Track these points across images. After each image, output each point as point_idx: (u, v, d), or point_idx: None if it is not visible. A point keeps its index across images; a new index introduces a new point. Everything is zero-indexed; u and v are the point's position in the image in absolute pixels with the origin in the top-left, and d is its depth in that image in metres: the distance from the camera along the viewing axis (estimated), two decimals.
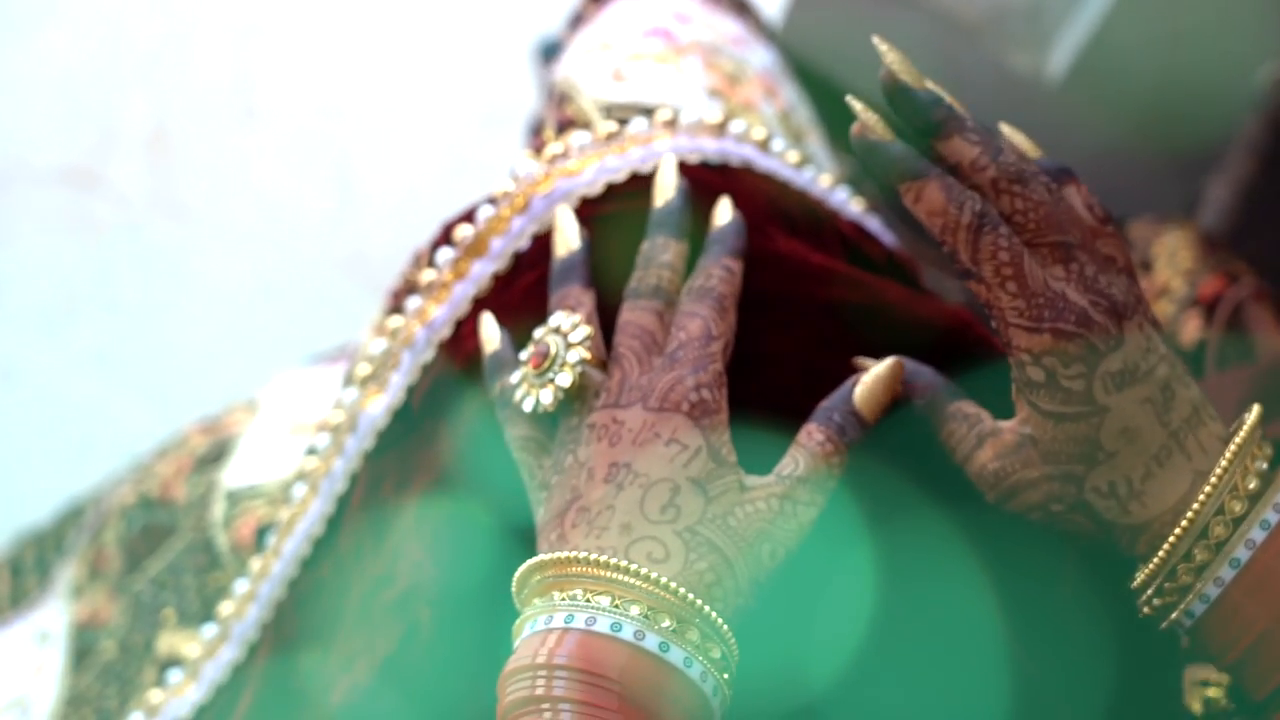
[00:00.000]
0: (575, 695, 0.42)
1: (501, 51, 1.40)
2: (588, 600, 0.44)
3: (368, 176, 1.37)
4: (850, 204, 0.64)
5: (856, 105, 0.48)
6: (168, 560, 0.74)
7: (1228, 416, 0.71)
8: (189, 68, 1.40)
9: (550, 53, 0.92)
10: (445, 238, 0.59)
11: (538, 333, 0.52)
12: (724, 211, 0.55)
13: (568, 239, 0.56)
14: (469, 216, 0.59)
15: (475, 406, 0.57)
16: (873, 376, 0.50)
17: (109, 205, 1.34)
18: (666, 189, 0.55)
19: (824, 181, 0.63)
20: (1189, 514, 0.45)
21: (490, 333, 0.55)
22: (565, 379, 0.50)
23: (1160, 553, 0.45)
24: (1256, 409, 0.47)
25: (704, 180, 0.57)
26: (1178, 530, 0.45)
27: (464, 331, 0.58)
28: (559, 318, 0.52)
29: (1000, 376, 0.49)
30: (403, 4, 1.44)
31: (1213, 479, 0.45)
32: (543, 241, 0.58)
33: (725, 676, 0.45)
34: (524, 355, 0.52)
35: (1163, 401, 0.46)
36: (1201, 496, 0.45)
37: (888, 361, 0.50)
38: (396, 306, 0.61)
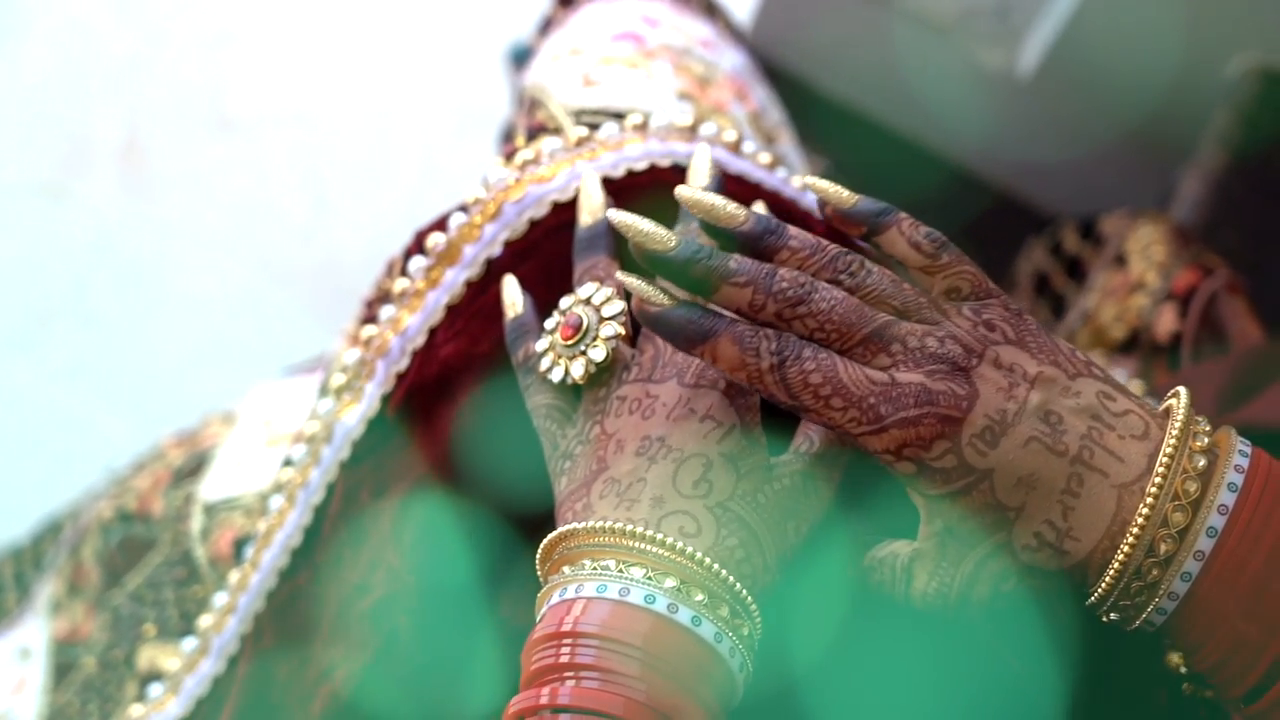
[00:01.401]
0: (600, 663, 0.42)
1: (473, 59, 1.40)
2: (621, 571, 0.44)
3: (341, 186, 1.37)
4: None
5: (630, 280, 0.46)
6: (146, 574, 0.73)
7: (1206, 407, 0.71)
8: (161, 79, 1.39)
9: (521, 58, 0.91)
10: (418, 246, 0.59)
11: (565, 302, 0.52)
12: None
13: (593, 206, 0.56)
14: (441, 224, 0.59)
15: (452, 412, 0.57)
16: None
17: (82, 218, 1.33)
18: (700, 177, 0.56)
19: (796, 183, 0.64)
20: (1129, 539, 0.42)
21: (513, 296, 0.55)
22: (599, 353, 0.50)
23: (1105, 582, 0.43)
24: (1184, 397, 0.44)
25: (677, 183, 0.57)
26: (1120, 557, 0.43)
27: (438, 339, 0.58)
28: (589, 289, 0.52)
29: None
30: (374, 13, 1.44)
31: (1148, 497, 0.42)
32: (515, 248, 0.58)
33: (750, 654, 0.45)
34: (551, 324, 0.52)
35: (1049, 431, 0.43)
36: (1140, 520, 0.42)
37: None
38: (370, 315, 0.61)
